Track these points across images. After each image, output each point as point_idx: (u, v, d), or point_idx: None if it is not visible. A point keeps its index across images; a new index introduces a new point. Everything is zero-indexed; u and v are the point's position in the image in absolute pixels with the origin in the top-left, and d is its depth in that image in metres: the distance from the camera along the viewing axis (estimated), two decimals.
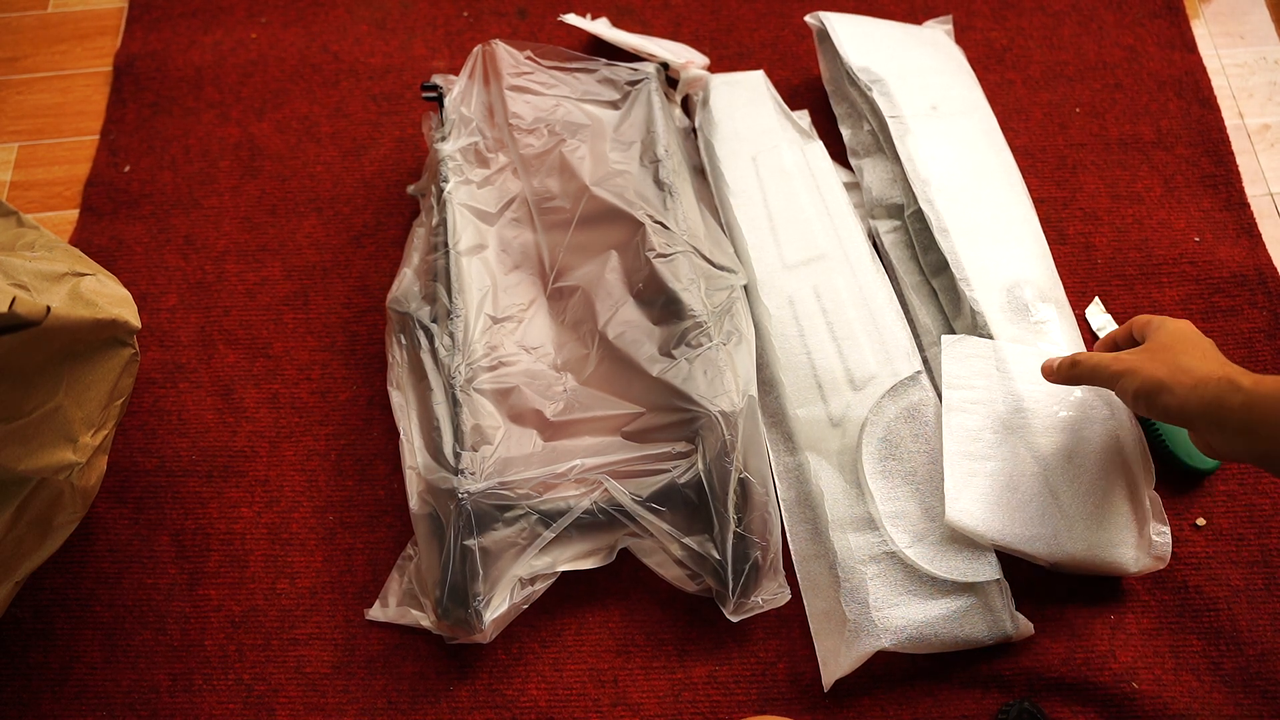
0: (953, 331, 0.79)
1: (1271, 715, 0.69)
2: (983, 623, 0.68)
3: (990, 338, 0.75)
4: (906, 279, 0.82)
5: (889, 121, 0.85)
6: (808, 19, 0.93)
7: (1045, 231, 0.86)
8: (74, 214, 0.94)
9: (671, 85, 0.91)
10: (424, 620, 0.70)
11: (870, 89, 0.86)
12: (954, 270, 0.78)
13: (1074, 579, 0.72)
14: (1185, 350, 0.60)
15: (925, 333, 0.79)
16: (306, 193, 0.94)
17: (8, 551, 0.64)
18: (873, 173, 0.87)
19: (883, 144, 0.86)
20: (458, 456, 0.69)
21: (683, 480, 0.70)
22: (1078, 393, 0.73)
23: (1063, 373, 0.67)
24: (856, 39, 0.90)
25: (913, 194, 0.82)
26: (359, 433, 0.82)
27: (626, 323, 0.76)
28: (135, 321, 0.70)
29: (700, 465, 0.70)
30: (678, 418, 0.71)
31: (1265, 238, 0.87)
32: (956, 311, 0.79)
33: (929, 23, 0.97)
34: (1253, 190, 0.90)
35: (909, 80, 0.88)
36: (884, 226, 0.85)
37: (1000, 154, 0.88)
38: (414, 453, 0.72)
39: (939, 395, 0.75)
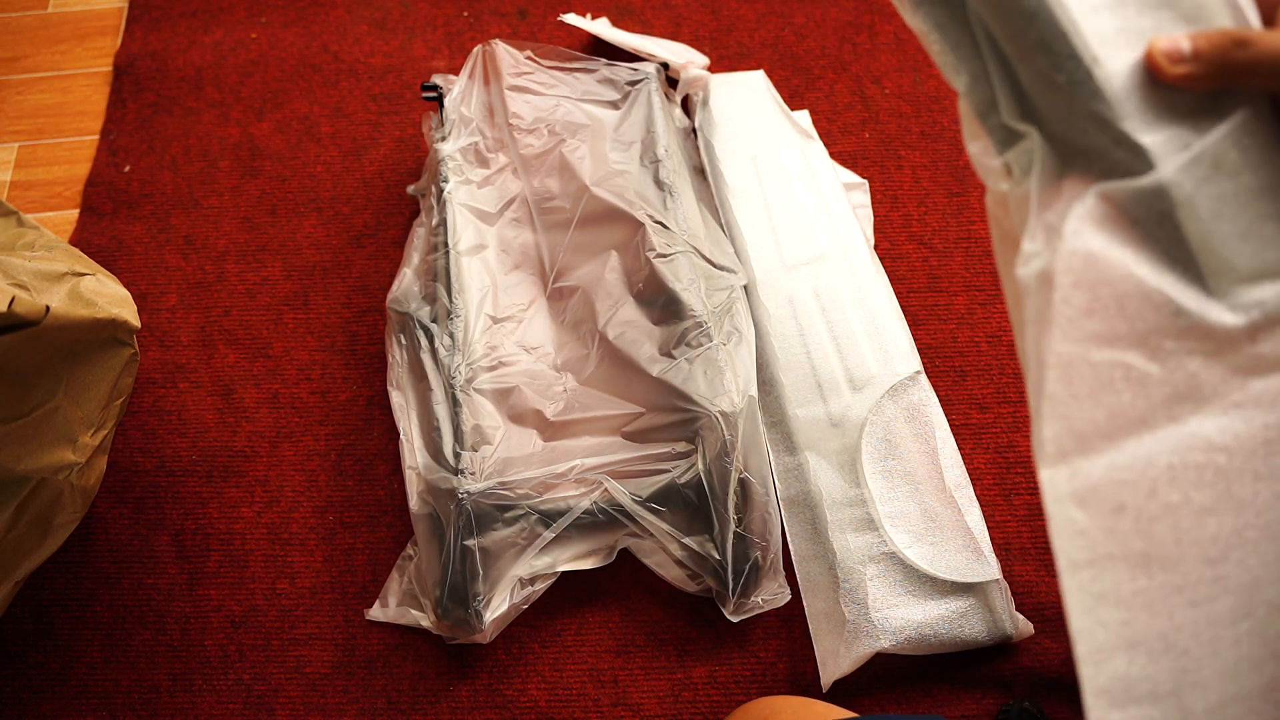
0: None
1: None
2: (982, 623, 0.68)
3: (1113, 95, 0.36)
4: None
5: None
6: None
7: None
8: (74, 214, 0.94)
9: (671, 85, 0.91)
10: (424, 620, 0.70)
11: None
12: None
13: None
14: None
15: None
16: (306, 193, 0.94)
17: (8, 551, 0.64)
18: None
19: None
20: (458, 456, 0.69)
21: (683, 480, 0.70)
22: None
23: (1210, 60, 0.35)
24: None
25: None
26: (359, 433, 0.82)
27: (626, 323, 0.76)
28: (135, 321, 0.70)
29: (700, 465, 0.70)
30: (678, 418, 0.71)
31: None
32: (1069, 102, 0.37)
33: None
34: None
35: None
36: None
37: None
38: (414, 453, 0.72)
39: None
